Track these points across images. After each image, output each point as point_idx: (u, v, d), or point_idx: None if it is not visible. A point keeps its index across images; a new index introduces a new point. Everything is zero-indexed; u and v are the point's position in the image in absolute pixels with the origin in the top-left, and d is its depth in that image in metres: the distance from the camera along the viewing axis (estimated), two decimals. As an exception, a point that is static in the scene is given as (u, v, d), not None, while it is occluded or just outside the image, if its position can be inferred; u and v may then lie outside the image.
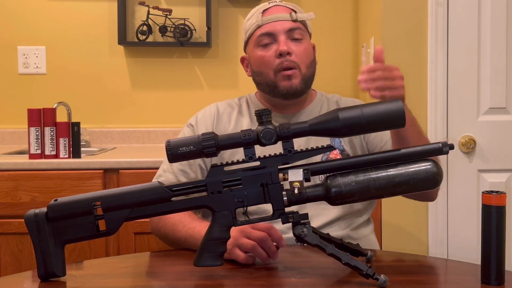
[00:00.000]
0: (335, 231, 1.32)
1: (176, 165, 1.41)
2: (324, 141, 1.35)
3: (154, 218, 1.37)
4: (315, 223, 1.31)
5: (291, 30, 1.39)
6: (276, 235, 1.12)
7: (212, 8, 2.67)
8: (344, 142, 1.42)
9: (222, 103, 1.52)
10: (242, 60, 1.51)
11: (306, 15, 1.43)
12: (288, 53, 1.37)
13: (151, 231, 1.42)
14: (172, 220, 1.31)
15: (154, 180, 1.41)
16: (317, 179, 1.30)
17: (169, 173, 1.41)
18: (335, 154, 1.39)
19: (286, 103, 1.42)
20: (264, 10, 1.42)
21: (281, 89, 1.39)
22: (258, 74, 1.43)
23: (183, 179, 1.40)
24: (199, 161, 1.41)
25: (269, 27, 1.39)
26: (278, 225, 1.20)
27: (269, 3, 1.44)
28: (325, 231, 1.21)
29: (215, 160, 1.36)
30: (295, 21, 1.40)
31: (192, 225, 1.26)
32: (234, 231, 1.10)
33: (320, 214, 1.35)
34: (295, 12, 1.42)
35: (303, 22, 1.43)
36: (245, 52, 1.49)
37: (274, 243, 1.12)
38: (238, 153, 1.37)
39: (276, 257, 1.12)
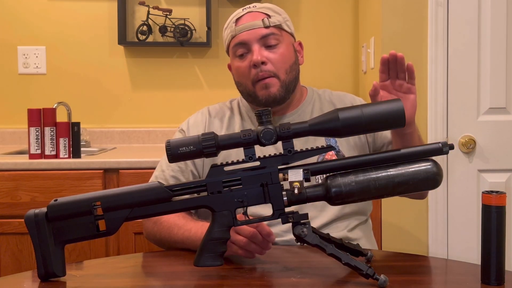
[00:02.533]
0: (332, 233, 1.32)
1: (169, 172, 1.40)
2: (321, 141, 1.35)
3: (148, 224, 1.36)
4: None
5: (265, 37, 1.36)
6: (265, 231, 1.10)
7: (212, 8, 2.67)
8: (340, 143, 1.41)
9: (213, 107, 1.50)
10: (229, 67, 1.50)
11: (280, 18, 1.38)
12: (263, 63, 1.34)
13: (146, 237, 1.40)
14: (167, 223, 1.30)
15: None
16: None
17: (161, 180, 1.40)
18: (330, 155, 1.38)
19: (277, 107, 1.41)
20: (237, 19, 1.39)
21: (260, 99, 1.37)
22: (238, 84, 1.43)
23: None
24: (191, 167, 1.40)
25: (242, 36, 1.36)
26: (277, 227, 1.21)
27: (242, 9, 1.41)
28: (322, 233, 1.21)
29: (209, 162, 1.36)
30: (267, 27, 1.36)
31: (187, 227, 1.25)
32: None
33: (316, 217, 1.35)
34: (269, 16, 1.37)
35: (278, 26, 1.38)
36: None
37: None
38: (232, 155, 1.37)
39: (269, 247, 1.11)
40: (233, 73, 1.46)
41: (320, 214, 1.36)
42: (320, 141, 1.37)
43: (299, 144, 1.34)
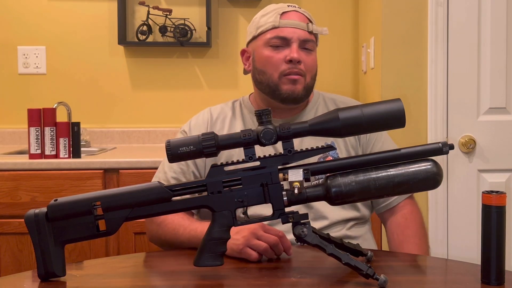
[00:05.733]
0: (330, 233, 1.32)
1: (170, 173, 1.41)
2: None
3: (152, 227, 1.37)
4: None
5: (305, 41, 1.39)
6: (286, 244, 1.14)
7: (212, 8, 2.67)
8: (340, 151, 1.42)
9: (215, 108, 1.50)
10: (243, 52, 1.48)
11: (320, 29, 1.43)
12: (299, 62, 1.37)
13: (149, 239, 1.41)
14: (171, 225, 1.31)
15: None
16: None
17: (163, 181, 1.41)
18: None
19: (283, 106, 1.41)
20: (283, 13, 1.40)
21: (282, 92, 1.38)
22: (260, 72, 1.41)
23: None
24: (193, 168, 1.41)
25: (285, 31, 1.38)
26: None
27: (288, 6, 1.42)
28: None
29: (210, 163, 1.36)
30: (310, 32, 1.40)
31: (193, 226, 1.27)
32: (244, 231, 1.12)
33: (315, 219, 1.35)
34: (312, 23, 1.42)
35: (316, 35, 1.43)
36: (248, 46, 1.47)
37: None
38: (235, 155, 1.38)
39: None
40: (254, 60, 1.43)
41: (319, 216, 1.36)
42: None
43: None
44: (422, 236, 1.40)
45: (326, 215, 1.36)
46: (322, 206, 1.35)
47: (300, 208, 1.18)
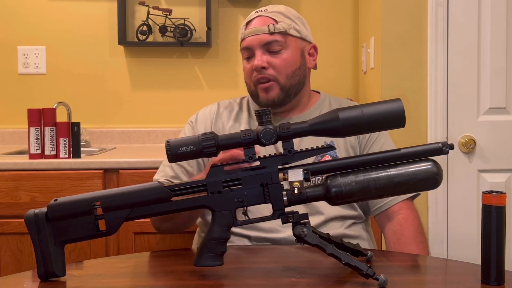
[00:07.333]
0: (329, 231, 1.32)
1: None
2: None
3: (155, 218, 1.38)
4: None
5: (268, 44, 1.39)
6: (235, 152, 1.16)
7: (212, 8, 2.67)
8: (339, 151, 1.42)
9: (223, 102, 1.54)
10: None
11: (286, 24, 1.40)
12: (264, 67, 1.39)
13: (156, 230, 1.45)
14: None
15: (157, 174, 1.49)
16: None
17: (167, 167, 1.47)
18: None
19: (278, 109, 1.44)
20: (248, 22, 1.43)
21: (260, 101, 1.42)
22: (245, 82, 1.48)
23: (180, 173, 1.45)
24: None
25: (248, 41, 1.41)
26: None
27: (255, 12, 1.44)
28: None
29: None
30: (272, 33, 1.39)
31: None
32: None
33: (310, 214, 1.35)
34: (276, 22, 1.40)
35: (283, 32, 1.40)
36: None
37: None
38: None
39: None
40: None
41: (317, 212, 1.37)
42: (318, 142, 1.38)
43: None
44: (419, 242, 1.37)
45: (322, 211, 1.37)
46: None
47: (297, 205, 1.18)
